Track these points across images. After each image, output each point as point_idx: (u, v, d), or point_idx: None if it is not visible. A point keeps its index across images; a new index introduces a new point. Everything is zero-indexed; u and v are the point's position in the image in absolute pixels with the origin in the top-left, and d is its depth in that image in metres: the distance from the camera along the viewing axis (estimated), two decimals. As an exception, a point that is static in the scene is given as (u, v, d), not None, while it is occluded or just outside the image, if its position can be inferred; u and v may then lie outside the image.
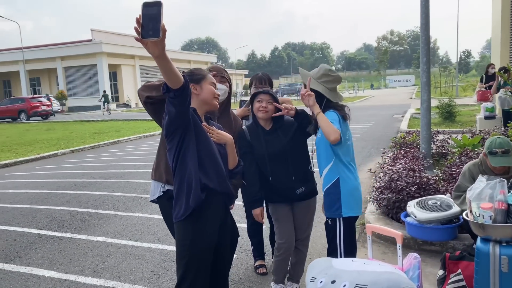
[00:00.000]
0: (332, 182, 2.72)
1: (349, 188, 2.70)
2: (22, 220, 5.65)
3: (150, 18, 1.71)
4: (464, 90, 34.30)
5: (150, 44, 1.76)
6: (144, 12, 1.71)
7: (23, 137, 16.70)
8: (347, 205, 2.69)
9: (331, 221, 2.76)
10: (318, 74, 2.77)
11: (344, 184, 2.69)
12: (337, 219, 2.71)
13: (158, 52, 1.79)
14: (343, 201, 2.69)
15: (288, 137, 3.00)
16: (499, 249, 2.57)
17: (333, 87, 2.78)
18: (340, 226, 2.71)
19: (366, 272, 1.73)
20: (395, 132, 11.98)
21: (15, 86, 45.35)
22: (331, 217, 2.76)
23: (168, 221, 2.70)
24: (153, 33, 1.71)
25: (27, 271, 4.03)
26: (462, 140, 6.88)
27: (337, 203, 2.70)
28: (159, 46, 1.77)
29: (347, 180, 2.70)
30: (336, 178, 2.71)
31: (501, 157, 3.26)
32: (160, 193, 2.73)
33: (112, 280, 3.74)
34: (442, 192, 4.34)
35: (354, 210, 2.73)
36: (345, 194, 2.69)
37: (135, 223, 5.31)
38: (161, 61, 1.85)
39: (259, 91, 3.05)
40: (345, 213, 2.70)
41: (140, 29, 1.71)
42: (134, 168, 9.07)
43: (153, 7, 1.71)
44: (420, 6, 6.03)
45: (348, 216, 2.70)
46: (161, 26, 1.71)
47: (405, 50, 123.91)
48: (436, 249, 3.90)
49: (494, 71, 10.60)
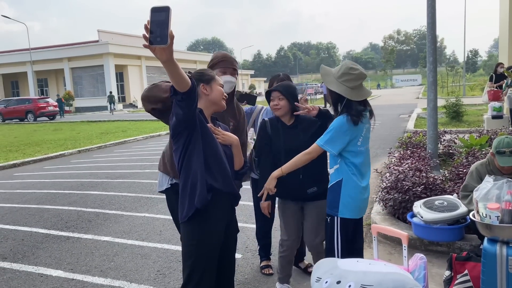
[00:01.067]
0: (336, 181, 2.72)
1: (350, 191, 2.67)
2: (30, 220, 5.70)
3: (158, 24, 1.71)
4: (472, 90, 34.08)
5: (158, 50, 1.76)
6: (152, 19, 1.71)
7: (30, 137, 16.84)
8: (345, 207, 2.67)
9: (330, 219, 2.76)
10: (339, 73, 2.64)
11: (346, 186, 2.67)
12: (335, 218, 2.71)
13: (166, 57, 1.80)
14: (341, 201, 2.68)
15: (308, 135, 2.94)
16: (506, 249, 2.55)
17: (356, 85, 2.63)
18: (338, 226, 2.70)
19: (371, 272, 1.73)
20: (402, 132, 11.92)
21: (23, 87, 45.74)
22: (330, 215, 2.76)
23: (174, 213, 2.76)
24: (161, 40, 1.71)
25: (34, 270, 4.07)
26: (469, 140, 6.83)
27: (336, 202, 2.70)
28: (167, 52, 1.78)
29: (350, 183, 2.67)
30: (340, 178, 2.70)
31: (509, 157, 3.23)
32: (168, 185, 2.79)
33: (118, 279, 3.76)
34: (448, 193, 4.31)
35: (351, 213, 2.70)
36: (344, 195, 2.67)
37: (142, 223, 5.33)
38: (169, 66, 1.86)
39: (270, 89, 3.06)
40: (341, 214, 2.69)
41: (148, 34, 1.72)
42: (141, 168, 9.11)
43: (161, 12, 1.71)
44: (427, 6, 6.00)
45: (344, 217, 2.69)
46: (169, 32, 1.71)
47: (412, 49, 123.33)
48: (442, 249, 3.87)
49: (502, 70, 10.52)
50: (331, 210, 2.75)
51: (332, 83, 2.65)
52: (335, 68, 2.73)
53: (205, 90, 2.34)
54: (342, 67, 2.67)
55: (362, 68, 2.71)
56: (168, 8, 1.71)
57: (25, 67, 41.11)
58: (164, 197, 2.94)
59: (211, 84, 2.36)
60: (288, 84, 3.06)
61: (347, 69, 2.63)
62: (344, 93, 2.60)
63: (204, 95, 2.34)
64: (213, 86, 2.36)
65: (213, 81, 2.37)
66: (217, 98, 2.37)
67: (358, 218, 2.77)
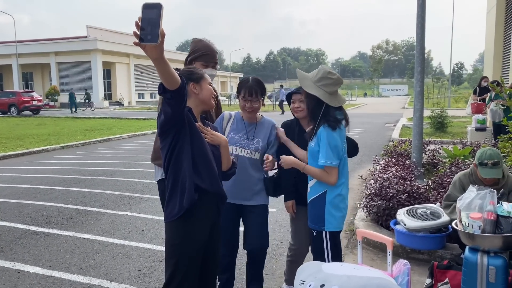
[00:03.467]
0: (318, 194, 2.63)
1: (336, 202, 2.61)
2: (9, 215, 5.57)
3: (149, 22, 1.68)
4: (456, 102, 34.65)
5: (148, 48, 1.74)
6: (144, 16, 1.68)
7: (13, 131, 16.52)
8: (332, 220, 2.60)
9: (316, 233, 2.67)
10: (316, 77, 2.58)
11: (331, 197, 2.60)
12: (323, 233, 2.63)
13: (157, 55, 1.78)
14: (327, 215, 2.60)
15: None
16: (487, 259, 2.59)
17: (334, 91, 2.58)
18: (327, 239, 2.63)
19: (356, 277, 1.73)
20: (387, 141, 12.05)
21: (7, 80, 44.88)
22: (315, 229, 2.68)
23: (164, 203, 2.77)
24: (152, 38, 1.69)
25: (11, 266, 3.97)
26: (453, 151, 6.94)
27: (321, 216, 2.62)
28: (157, 50, 1.76)
29: (334, 193, 2.61)
30: (323, 191, 2.62)
31: (491, 169, 3.28)
32: (162, 176, 2.84)
33: (98, 278, 3.70)
34: (432, 201, 4.36)
35: (339, 224, 2.65)
36: (330, 208, 2.60)
37: (124, 221, 5.26)
38: (159, 64, 1.85)
39: (292, 91, 3.05)
40: (328, 228, 2.61)
41: (139, 31, 1.69)
42: (125, 167, 9.00)
43: (153, 9, 1.69)
44: (416, 16, 6.09)
45: (332, 231, 2.63)
46: (160, 31, 1.69)
47: (400, 59, 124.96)
48: (424, 257, 3.91)
49: (487, 84, 10.72)
50: (315, 225, 2.66)
51: (310, 87, 2.59)
52: (312, 73, 2.67)
53: (195, 89, 2.32)
54: (319, 71, 2.61)
55: (346, 76, 2.69)
56: (160, 6, 1.68)
57: (10, 60, 40.36)
58: (147, 196, 2.93)
59: (201, 83, 2.34)
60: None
61: (325, 73, 2.58)
62: (323, 98, 2.54)
63: (194, 94, 2.32)
64: (202, 85, 2.35)
65: (202, 80, 2.36)
66: (206, 97, 2.36)
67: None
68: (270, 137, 3.02)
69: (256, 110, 2.95)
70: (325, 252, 2.65)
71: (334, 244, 2.66)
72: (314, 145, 2.60)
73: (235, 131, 2.98)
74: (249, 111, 2.95)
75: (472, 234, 2.62)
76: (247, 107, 2.92)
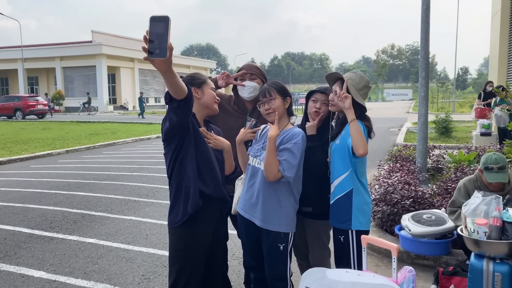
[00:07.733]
0: (344, 192, 2.57)
1: (361, 201, 2.56)
2: (13, 219, 5.60)
3: (157, 36, 1.67)
4: (461, 107, 34.49)
5: (157, 62, 1.74)
6: (151, 29, 1.67)
7: (18, 135, 16.61)
8: (358, 218, 2.54)
9: (343, 238, 2.58)
10: (359, 86, 2.57)
11: (357, 196, 2.56)
12: (349, 233, 2.55)
13: (165, 68, 1.79)
14: (354, 213, 2.54)
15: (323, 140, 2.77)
16: (493, 265, 2.57)
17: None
18: (353, 240, 2.54)
19: (360, 283, 1.72)
20: (391, 145, 12.00)
21: (13, 84, 45.19)
22: (340, 228, 2.59)
23: None
24: (160, 52, 1.69)
25: (16, 270, 3.98)
26: (458, 156, 6.90)
27: (347, 215, 2.55)
28: (166, 63, 1.76)
29: (360, 192, 2.57)
30: (350, 189, 2.56)
31: (497, 173, 3.27)
32: None
33: (102, 282, 3.70)
34: (437, 207, 4.34)
35: (366, 223, 2.59)
36: (356, 206, 2.55)
37: (128, 226, 5.26)
38: (167, 76, 1.85)
39: (315, 89, 2.85)
40: (355, 226, 2.54)
41: (148, 45, 1.68)
42: (129, 171, 9.02)
43: (161, 22, 1.68)
44: (421, 21, 6.08)
45: (358, 230, 2.55)
46: (168, 45, 1.68)
47: (404, 64, 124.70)
48: (429, 263, 3.88)
49: (491, 88, 10.68)
50: (340, 224, 2.57)
51: (356, 95, 2.57)
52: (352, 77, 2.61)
53: (197, 94, 2.34)
54: (362, 80, 2.59)
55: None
56: (168, 18, 1.67)
57: (16, 64, 40.66)
58: (151, 201, 2.93)
59: (203, 88, 2.36)
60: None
61: (367, 82, 2.61)
62: (364, 105, 2.60)
63: (196, 99, 2.33)
64: (204, 89, 2.36)
65: (204, 84, 2.37)
66: (208, 102, 2.37)
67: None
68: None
69: (275, 109, 2.52)
70: (351, 255, 2.54)
71: (359, 246, 2.51)
72: (340, 141, 2.59)
73: (256, 140, 2.69)
74: (267, 114, 2.57)
75: (478, 241, 2.60)
76: (265, 110, 2.57)
